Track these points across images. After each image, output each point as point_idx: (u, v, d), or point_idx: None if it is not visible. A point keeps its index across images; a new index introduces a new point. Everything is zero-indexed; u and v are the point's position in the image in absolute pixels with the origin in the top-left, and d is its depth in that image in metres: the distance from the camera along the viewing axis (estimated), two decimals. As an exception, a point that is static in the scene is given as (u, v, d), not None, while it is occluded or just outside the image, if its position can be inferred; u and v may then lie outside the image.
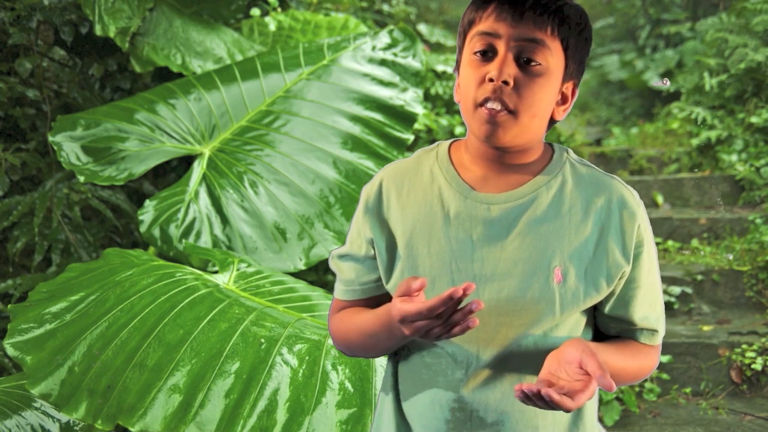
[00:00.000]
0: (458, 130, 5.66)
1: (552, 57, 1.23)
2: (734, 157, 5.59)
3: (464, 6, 1.32)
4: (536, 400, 1.12)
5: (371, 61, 3.34)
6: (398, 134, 3.18)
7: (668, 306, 4.45)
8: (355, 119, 3.16)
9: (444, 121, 5.65)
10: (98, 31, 3.36)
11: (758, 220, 4.91)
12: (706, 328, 4.18)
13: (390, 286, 1.34)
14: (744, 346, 3.89)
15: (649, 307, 1.32)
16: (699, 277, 4.52)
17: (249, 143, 3.08)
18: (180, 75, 3.69)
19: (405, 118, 3.22)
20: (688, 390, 3.88)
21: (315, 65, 3.32)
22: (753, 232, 4.82)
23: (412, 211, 1.32)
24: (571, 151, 1.35)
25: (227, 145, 3.09)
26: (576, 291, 1.25)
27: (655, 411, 3.69)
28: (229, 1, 4.18)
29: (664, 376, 3.85)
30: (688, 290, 4.47)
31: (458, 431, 1.28)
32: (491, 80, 1.21)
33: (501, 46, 1.22)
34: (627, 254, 1.27)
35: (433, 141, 5.65)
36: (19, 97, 3.49)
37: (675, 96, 7.52)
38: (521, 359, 1.26)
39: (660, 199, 5.65)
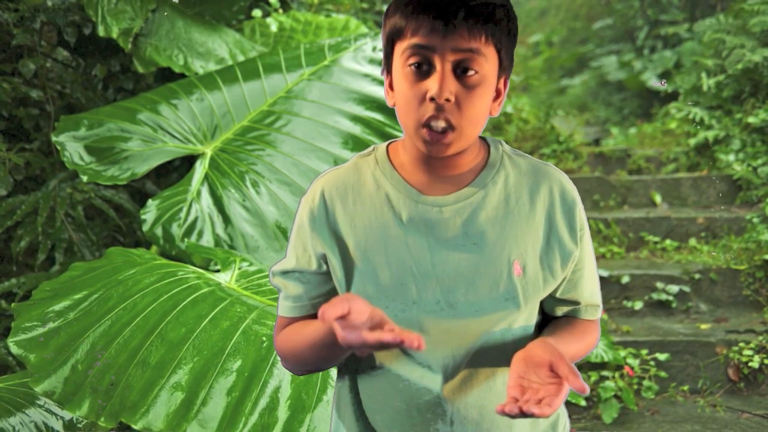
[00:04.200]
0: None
1: (487, 63, 1.21)
2: (732, 157, 5.60)
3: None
4: (518, 416, 1.12)
5: (372, 61, 3.35)
6: (399, 134, 3.19)
7: (666, 304, 4.48)
8: (356, 119, 3.17)
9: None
10: (101, 32, 3.38)
11: (755, 220, 4.93)
12: (703, 326, 4.21)
13: None
14: (741, 345, 3.91)
15: (592, 285, 1.37)
16: (697, 276, 4.54)
17: (251, 143, 3.09)
18: (182, 75, 3.70)
19: (405, 118, 3.22)
20: (685, 388, 3.90)
21: (316, 66, 3.33)
22: (750, 232, 4.84)
23: (362, 221, 1.29)
24: (504, 143, 1.36)
25: (229, 145, 3.10)
26: (536, 280, 1.27)
27: (653, 409, 3.71)
28: (230, 2, 4.19)
29: (662, 374, 3.88)
30: (686, 289, 4.50)
31: None
32: (432, 99, 1.18)
33: (437, 60, 1.19)
34: (575, 239, 1.30)
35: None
36: (22, 98, 3.51)
37: (673, 96, 7.54)
38: (491, 353, 1.28)
39: (658, 198, 5.67)
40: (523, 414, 1.11)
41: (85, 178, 2.86)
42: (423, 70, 1.20)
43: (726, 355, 3.90)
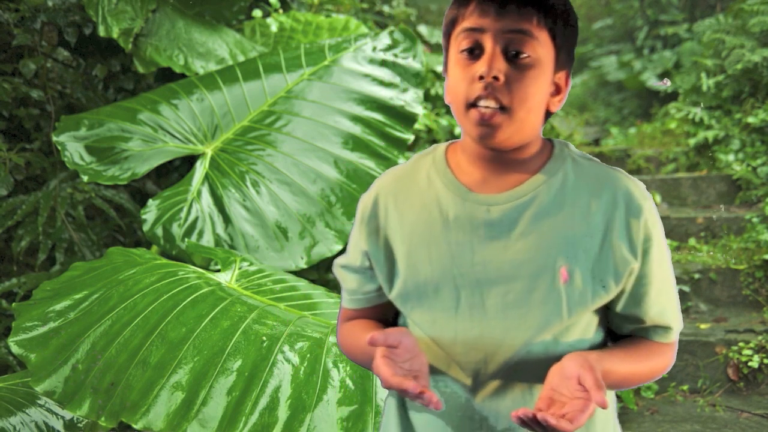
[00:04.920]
0: (458, 130, 5.68)
1: (540, 47, 1.18)
2: (731, 157, 5.61)
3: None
4: (533, 425, 1.08)
5: (372, 61, 3.36)
6: (399, 134, 3.19)
7: (666, 304, 4.48)
8: (356, 119, 3.17)
9: (444, 121, 5.67)
10: (102, 32, 3.38)
11: (755, 219, 4.93)
12: (703, 326, 4.21)
13: (393, 296, 1.30)
14: (741, 344, 3.91)
15: (662, 304, 1.26)
16: (696, 276, 4.55)
17: (251, 143, 3.10)
18: (182, 76, 3.71)
19: (405, 118, 3.23)
20: (685, 387, 3.90)
21: (316, 66, 3.34)
22: (750, 231, 4.84)
23: (410, 219, 1.28)
24: (571, 146, 1.30)
25: (229, 145, 3.11)
26: (583, 291, 1.20)
27: (653, 408, 3.71)
28: (231, 2, 4.20)
29: (662, 374, 3.88)
30: (686, 289, 4.50)
31: None
32: (481, 78, 1.16)
33: (488, 42, 1.17)
34: (634, 250, 1.21)
35: (433, 141, 5.68)
36: (23, 98, 3.51)
37: (672, 96, 7.55)
38: (534, 367, 1.21)
39: (658, 198, 5.67)
40: (536, 421, 1.07)
41: (85, 178, 2.86)
42: (475, 54, 1.19)
43: (725, 354, 3.91)
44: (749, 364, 3.82)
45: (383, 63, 3.35)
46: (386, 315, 1.39)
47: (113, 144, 2.99)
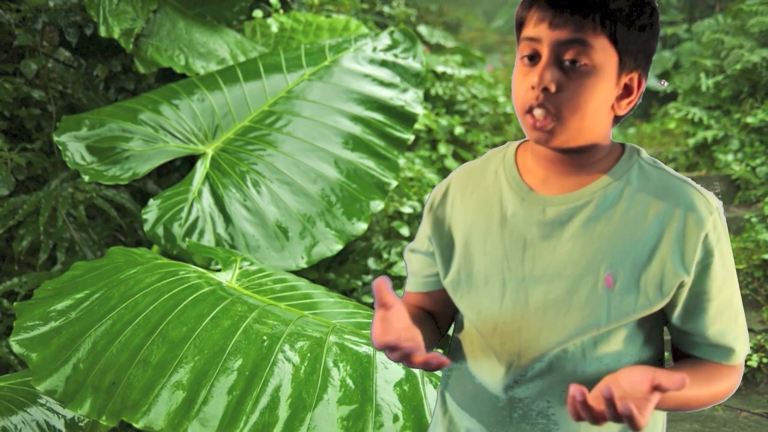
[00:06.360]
0: (458, 130, 5.68)
1: (598, 54, 1.16)
2: (730, 157, 5.62)
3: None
4: (594, 410, 1.05)
5: (372, 62, 3.37)
6: (399, 134, 3.20)
7: (665, 304, 4.49)
8: (356, 119, 3.18)
9: (444, 121, 5.67)
10: (103, 32, 3.39)
11: (754, 219, 4.94)
12: (702, 326, 4.21)
13: (446, 282, 1.35)
14: (740, 344, 3.92)
15: (723, 323, 1.23)
16: (696, 276, 4.54)
17: (251, 143, 3.10)
18: (183, 76, 3.71)
19: (405, 118, 3.24)
20: (684, 387, 3.91)
21: (317, 66, 3.34)
22: (749, 231, 4.85)
23: (472, 211, 1.33)
24: (643, 152, 1.28)
25: (230, 145, 3.11)
26: (626, 299, 1.19)
27: (652, 408, 3.72)
28: (231, 2, 4.21)
29: (661, 373, 3.88)
30: (685, 289, 4.50)
31: (499, 427, 1.29)
32: (534, 87, 1.18)
33: (544, 51, 1.18)
34: (686, 264, 1.18)
35: (433, 141, 5.68)
36: (24, 98, 3.52)
37: (672, 96, 7.56)
38: (567, 365, 1.23)
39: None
40: (612, 404, 1.02)
41: (86, 178, 2.87)
42: (534, 61, 1.20)
43: (724, 354, 3.91)
44: (748, 363, 3.83)
45: (383, 63, 3.36)
46: (441, 306, 1.43)
47: (114, 144, 2.99)
